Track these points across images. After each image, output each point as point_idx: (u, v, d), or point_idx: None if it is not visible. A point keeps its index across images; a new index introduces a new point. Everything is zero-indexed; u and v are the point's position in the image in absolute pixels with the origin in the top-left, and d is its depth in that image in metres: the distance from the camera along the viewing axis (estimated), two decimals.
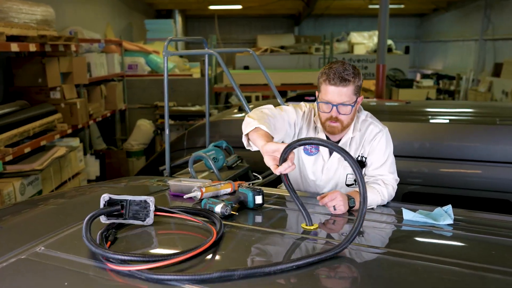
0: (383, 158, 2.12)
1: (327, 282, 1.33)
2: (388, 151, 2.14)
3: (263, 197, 1.88)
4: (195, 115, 8.10)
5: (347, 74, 1.97)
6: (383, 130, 2.15)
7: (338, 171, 2.19)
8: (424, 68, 16.97)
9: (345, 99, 1.99)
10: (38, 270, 1.29)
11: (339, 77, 1.96)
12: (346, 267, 1.41)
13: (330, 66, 2.01)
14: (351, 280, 1.35)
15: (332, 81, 1.97)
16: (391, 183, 2.11)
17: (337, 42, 13.03)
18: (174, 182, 2.06)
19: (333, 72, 1.97)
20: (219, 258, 1.42)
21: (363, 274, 1.38)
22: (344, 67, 1.98)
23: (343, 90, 1.97)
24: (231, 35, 16.96)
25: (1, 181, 4.14)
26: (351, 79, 1.98)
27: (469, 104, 6.67)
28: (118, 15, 10.37)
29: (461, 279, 1.32)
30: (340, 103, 1.99)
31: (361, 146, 2.15)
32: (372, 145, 2.13)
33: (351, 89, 1.99)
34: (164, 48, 2.61)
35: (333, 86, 1.97)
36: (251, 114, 1.99)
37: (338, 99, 1.99)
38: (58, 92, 5.36)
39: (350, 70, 1.98)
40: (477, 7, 12.48)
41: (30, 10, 4.79)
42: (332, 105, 2.00)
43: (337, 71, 1.97)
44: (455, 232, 1.69)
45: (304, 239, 1.61)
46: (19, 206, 2.06)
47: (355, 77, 1.99)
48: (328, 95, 2.00)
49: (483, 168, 3.49)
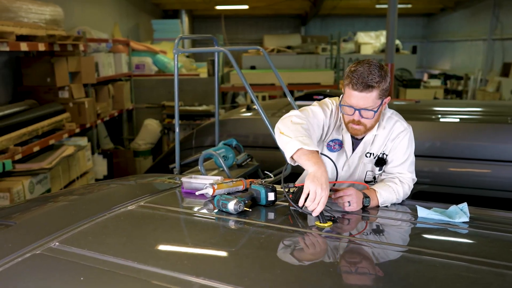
0: (403, 157, 2.08)
1: (346, 278, 1.32)
2: (409, 150, 2.10)
3: (275, 194, 1.87)
4: (202, 115, 8.11)
5: (372, 79, 1.86)
6: (408, 129, 2.10)
7: (358, 167, 2.16)
8: (431, 68, 16.88)
9: (368, 104, 1.91)
10: (53, 265, 1.29)
11: (362, 83, 1.86)
12: (364, 264, 1.40)
13: (356, 68, 1.90)
14: (368, 277, 1.34)
15: (355, 86, 1.88)
16: (408, 182, 2.07)
17: (344, 42, 12.99)
18: (187, 179, 2.05)
19: (357, 77, 1.87)
20: (232, 255, 1.41)
21: (379, 270, 1.36)
22: (369, 70, 1.87)
23: (366, 95, 1.89)
24: (237, 35, 16.95)
25: (10, 180, 4.16)
26: (375, 84, 1.87)
27: (479, 103, 6.63)
28: (126, 15, 10.40)
29: (480, 276, 1.30)
30: (363, 108, 1.93)
31: (384, 144, 2.10)
32: (395, 143, 2.08)
33: (375, 94, 1.90)
34: (175, 46, 2.60)
35: (356, 92, 1.89)
36: (282, 128, 1.91)
37: (362, 104, 1.91)
38: (67, 92, 5.38)
39: (376, 74, 1.87)
40: (486, 6, 12.39)
41: (39, 10, 4.81)
42: (355, 109, 1.94)
43: (361, 76, 1.86)
44: (471, 230, 1.67)
45: (320, 237, 1.60)
46: (31, 202, 2.06)
47: (380, 81, 1.88)
48: (352, 100, 1.93)
49: (493, 167, 3.46)
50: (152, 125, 8.09)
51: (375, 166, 2.12)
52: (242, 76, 2.53)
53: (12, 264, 1.27)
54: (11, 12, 4.27)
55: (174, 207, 1.89)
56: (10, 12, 4.26)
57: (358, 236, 1.63)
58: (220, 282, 1.19)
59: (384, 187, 1.99)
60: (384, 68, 1.92)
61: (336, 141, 2.13)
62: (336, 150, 2.15)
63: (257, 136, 4.05)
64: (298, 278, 1.28)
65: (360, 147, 2.12)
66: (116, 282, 1.21)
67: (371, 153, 2.11)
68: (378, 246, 1.52)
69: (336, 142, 2.14)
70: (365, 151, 2.12)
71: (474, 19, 13.44)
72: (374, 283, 1.30)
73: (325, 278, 1.28)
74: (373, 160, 2.12)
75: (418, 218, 1.79)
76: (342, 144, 2.14)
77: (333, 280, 1.29)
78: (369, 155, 2.12)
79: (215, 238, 1.58)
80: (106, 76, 6.76)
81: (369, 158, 2.12)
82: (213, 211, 1.81)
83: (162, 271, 1.25)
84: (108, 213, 1.69)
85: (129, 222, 1.64)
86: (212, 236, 1.60)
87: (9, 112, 4.49)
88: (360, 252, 1.51)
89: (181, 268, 1.27)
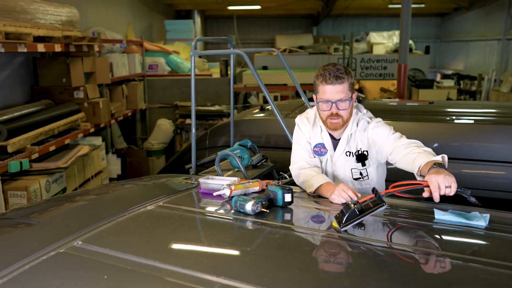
0: (385, 131, 2.25)
1: (362, 279, 1.33)
2: (385, 129, 2.27)
3: (292, 195, 1.89)
4: (214, 115, 8.14)
5: (341, 72, 2.15)
6: (373, 120, 2.32)
7: (343, 166, 2.35)
8: (444, 68, 16.75)
9: (342, 95, 2.16)
10: (77, 263, 1.32)
11: (334, 76, 2.14)
12: (380, 265, 1.41)
13: (324, 68, 2.19)
14: (385, 278, 1.35)
15: (329, 80, 2.14)
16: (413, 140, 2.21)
17: (356, 42, 12.94)
18: (204, 180, 2.08)
19: (328, 73, 2.15)
20: (250, 255, 1.43)
21: (396, 271, 1.37)
22: (336, 67, 2.16)
23: (339, 87, 2.15)
24: (249, 35, 16.97)
25: (27, 179, 4.22)
26: (345, 76, 2.16)
27: (494, 104, 6.57)
28: (139, 16, 10.47)
29: (498, 279, 1.30)
30: (338, 99, 2.16)
31: (360, 140, 2.30)
32: (369, 135, 2.29)
33: (346, 86, 2.17)
34: (191, 48, 2.64)
35: (330, 85, 2.15)
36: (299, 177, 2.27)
37: (336, 96, 2.16)
38: (82, 92, 5.44)
39: (342, 70, 2.16)
40: (500, 6, 12.27)
41: (55, 12, 4.87)
42: (331, 102, 2.17)
43: (331, 71, 2.15)
44: (488, 232, 1.66)
45: (336, 237, 1.61)
46: (52, 202, 2.10)
47: (347, 74, 2.17)
48: (327, 94, 2.17)
49: (508, 169, 3.44)
50: (165, 125, 8.14)
51: (357, 163, 2.33)
52: (258, 78, 2.56)
53: (38, 262, 1.31)
54: (28, 14, 4.33)
55: (192, 207, 1.92)
56: (28, 14, 4.33)
57: (375, 238, 1.64)
58: (240, 282, 1.22)
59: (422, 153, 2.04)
60: (347, 67, 2.24)
61: (319, 145, 2.36)
62: (324, 153, 2.36)
63: (270, 136, 4.07)
64: (316, 278, 1.29)
65: (340, 146, 2.33)
66: (139, 281, 1.23)
67: (350, 152, 2.31)
68: (394, 248, 1.53)
69: (320, 146, 2.36)
70: (344, 150, 2.32)
71: (488, 18, 13.31)
72: (391, 284, 1.31)
73: (342, 279, 1.30)
74: (353, 158, 2.32)
75: (435, 219, 1.79)
76: (325, 145, 2.35)
77: (350, 281, 1.30)
78: (349, 154, 2.33)
79: (233, 238, 1.60)
80: (120, 76, 6.82)
81: (350, 156, 2.33)
82: (231, 211, 1.84)
83: (183, 270, 1.27)
84: (128, 212, 1.72)
85: (149, 222, 1.67)
86: (231, 236, 1.62)
87: (26, 112, 4.56)
88: (377, 254, 1.52)
89: (202, 267, 1.29)
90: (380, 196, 1.71)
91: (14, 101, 4.95)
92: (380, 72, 11.77)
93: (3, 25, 3.75)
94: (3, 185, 3.98)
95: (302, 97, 3.14)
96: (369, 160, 2.32)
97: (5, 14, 3.95)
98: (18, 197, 4.06)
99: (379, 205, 1.69)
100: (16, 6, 4.15)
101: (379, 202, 1.70)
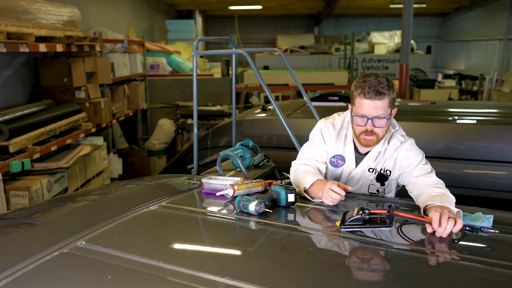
0: (417, 159, 2.06)
1: (366, 279, 1.33)
2: (418, 156, 2.07)
3: (295, 196, 1.89)
4: (215, 115, 8.14)
5: (382, 87, 1.93)
6: (407, 141, 2.12)
7: (361, 180, 2.19)
8: (446, 68, 16.73)
9: (380, 112, 1.96)
10: (81, 263, 1.32)
11: (374, 91, 1.93)
12: (384, 265, 1.41)
13: (364, 79, 1.98)
14: (389, 278, 1.34)
15: (368, 95, 1.93)
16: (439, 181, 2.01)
17: (357, 42, 12.94)
18: (207, 180, 2.08)
19: (368, 86, 1.94)
20: (254, 255, 1.43)
21: (400, 272, 1.37)
22: (378, 80, 1.95)
23: (378, 103, 1.94)
24: (251, 35, 16.97)
25: (29, 178, 4.23)
26: (386, 92, 1.94)
27: (495, 104, 6.56)
28: (140, 16, 10.48)
29: (503, 280, 1.30)
30: (376, 116, 1.97)
31: (387, 159, 2.14)
32: (399, 156, 2.10)
33: (386, 102, 1.96)
34: (193, 48, 2.63)
35: (368, 100, 1.94)
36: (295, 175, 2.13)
37: (374, 112, 1.96)
38: (83, 92, 5.45)
39: (385, 83, 1.95)
40: (502, 6, 12.25)
41: (57, 12, 4.87)
42: (367, 118, 1.98)
43: (372, 84, 1.93)
44: (493, 233, 1.66)
45: (340, 237, 1.61)
46: (55, 202, 2.10)
47: (389, 89, 1.95)
48: (364, 109, 1.97)
49: (510, 169, 3.43)
50: (166, 125, 8.14)
51: (376, 181, 2.16)
52: (260, 78, 2.55)
53: (41, 262, 1.31)
54: (30, 14, 4.33)
55: (195, 207, 1.92)
56: (29, 14, 4.33)
57: (379, 238, 1.64)
58: (244, 282, 1.21)
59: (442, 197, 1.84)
60: (390, 80, 1.99)
61: (338, 157, 2.19)
62: (340, 165, 2.20)
63: (272, 136, 4.07)
64: (321, 278, 1.29)
65: (363, 162, 2.16)
66: (143, 281, 1.23)
67: (374, 169, 2.15)
68: (399, 248, 1.52)
69: (338, 158, 2.19)
70: (368, 166, 2.15)
71: (489, 18, 13.29)
72: (395, 284, 1.30)
73: (347, 279, 1.29)
74: (374, 176, 2.15)
75: None
76: (344, 159, 2.19)
77: (354, 281, 1.30)
78: (372, 170, 2.15)
79: (237, 238, 1.60)
80: (121, 76, 6.82)
81: (371, 173, 2.16)
82: (234, 211, 1.83)
83: (187, 270, 1.27)
84: (131, 213, 1.72)
85: (152, 222, 1.67)
86: (234, 237, 1.62)
87: (27, 112, 4.56)
88: (381, 254, 1.52)
89: (206, 268, 1.29)
90: (391, 218, 1.65)
91: (15, 101, 4.95)
92: (382, 72, 11.78)
93: (5, 25, 3.75)
94: (5, 185, 3.99)
95: (304, 97, 3.13)
96: (390, 181, 2.16)
97: (7, 14, 3.95)
98: (20, 197, 4.06)
99: (386, 225, 1.64)
100: (17, 6, 4.15)
101: (388, 223, 1.64)
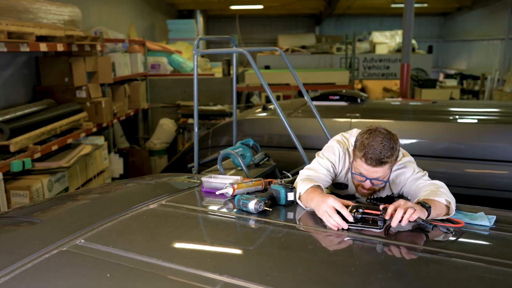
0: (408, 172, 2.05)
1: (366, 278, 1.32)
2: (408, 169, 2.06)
3: (295, 194, 1.88)
4: (217, 114, 8.14)
5: (385, 155, 1.86)
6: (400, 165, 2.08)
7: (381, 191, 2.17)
8: (447, 68, 16.71)
9: (380, 175, 1.93)
10: (80, 262, 1.32)
11: (376, 160, 1.87)
12: (384, 264, 1.40)
13: (369, 142, 1.88)
14: (389, 277, 1.34)
15: (368, 161, 1.88)
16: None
17: (358, 41, 12.92)
18: (206, 179, 2.07)
19: (372, 152, 1.86)
20: (253, 254, 1.43)
21: (400, 270, 1.36)
22: (382, 144, 1.85)
23: (379, 169, 1.90)
24: (252, 35, 16.96)
25: (30, 178, 4.23)
26: (388, 160, 1.87)
27: (497, 104, 6.55)
28: (141, 15, 10.48)
29: (502, 278, 1.29)
30: (375, 178, 1.94)
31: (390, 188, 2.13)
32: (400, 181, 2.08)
33: (387, 167, 1.91)
34: (194, 47, 2.63)
35: (369, 166, 1.90)
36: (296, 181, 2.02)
37: (373, 175, 1.93)
38: (84, 91, 5.45)
39: (388, 147, 1.86)
40: (503, 5, 12.22)
41: (58, 11, 4.87)
42: (366, 178, 1.96)
43: (375, 152, 1.85)
44: (492, 232, 1.66)
45: (340, 236, 1.60)
46: (55, 201, 2.10)
47: (392, 155, 1.88)
48: (363, 171, 1.94)
49: (511, 168, 3.43)
50: (167, 125, 8.14)
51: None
52: (261, 77, 2.55)
53: (40, 260, 1.31)
54: (31, 13, 4.34)
55: (195, 206, 1.91)
56: (30, 13, 4.33)
57: (378, 236, 1.63)
58: (243, 280, 1.21)
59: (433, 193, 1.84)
60: (394, 138, 1.91)
61: (341, 185, 2.20)
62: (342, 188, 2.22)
63: (273, 136, 4.06)
64: (320, 277, 1.29)
65: None
66: (142, 279, 1.23)
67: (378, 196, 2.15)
68: (398, 247, 1.52)
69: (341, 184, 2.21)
70: None
71: (491, 18, 13.27)
72: (394, 283, 1.30)
73: (346, 278, 1.29)
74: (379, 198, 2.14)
75: None
76: (347, 186, 2.19)
77: (354, 280, 1.30)
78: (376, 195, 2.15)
79: (236, 237, 1.60)
80: (122, 76, 6.82)
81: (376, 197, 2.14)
82: (233, 210, 1.83)
83: (186, 269, 1.27)
84: (130, 211, 1.72)
85: (151, 220, 1.67)
86: (234, 235, 1.62)
87: (28, 111, 4.56)
88: (381, 253, 1.51)
89: (205, 266, 1.29)
90: (383, 222, 1.63)
91: (16, 101, 4.96)
92: (383, 71, 11.77)
93: (5, 25, 3.75)
94: (6, 184, 3.99)
95: (305, 97, 3.12)
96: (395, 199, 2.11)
97: (7, 13, 3.95)
98: (21, 197, 4.06)
99: (376, 227, 1.62)
100: (18, 6, 4.15)
101: (379, 225, 1.62)
